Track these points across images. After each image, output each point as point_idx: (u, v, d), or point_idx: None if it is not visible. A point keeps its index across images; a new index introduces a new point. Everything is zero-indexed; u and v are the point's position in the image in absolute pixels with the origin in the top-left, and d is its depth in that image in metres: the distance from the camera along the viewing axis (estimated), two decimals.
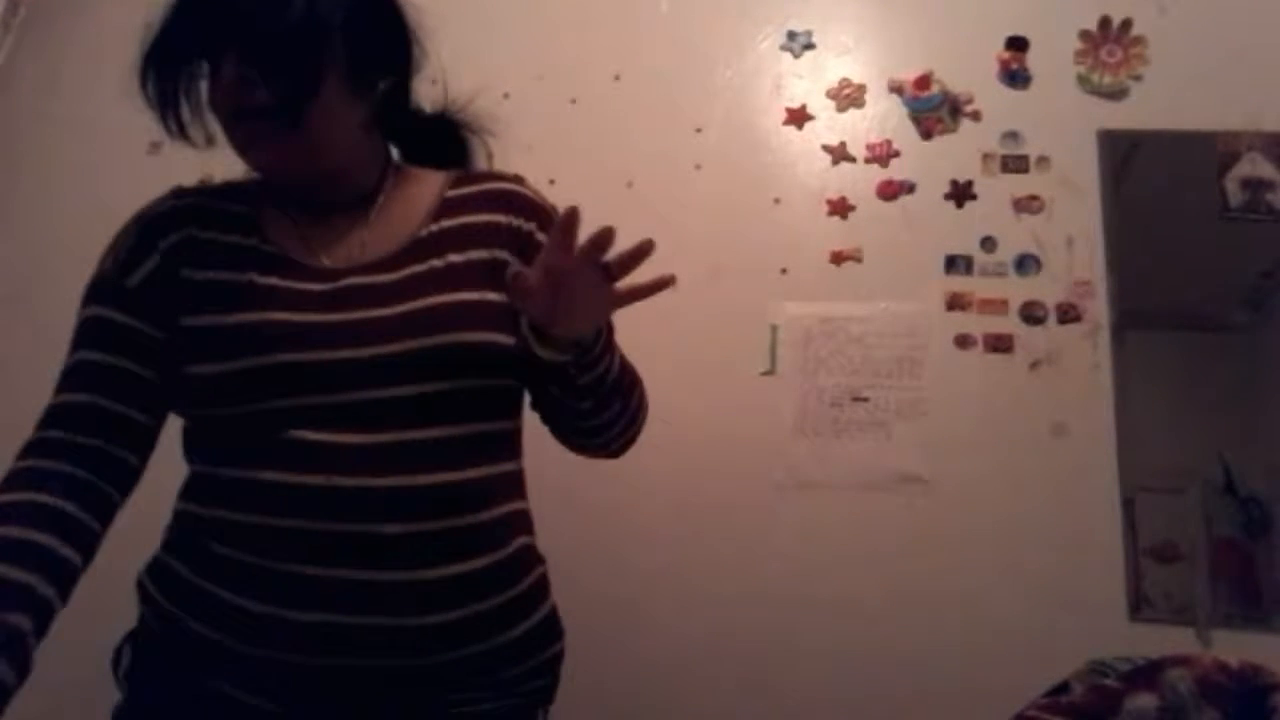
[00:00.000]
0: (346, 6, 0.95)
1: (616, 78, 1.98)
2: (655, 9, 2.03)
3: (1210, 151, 1.75)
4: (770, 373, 1.76)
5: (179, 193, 1.08)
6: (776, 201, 1.86)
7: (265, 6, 0.90)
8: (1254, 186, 1.72)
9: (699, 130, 1.93)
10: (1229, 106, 1.77)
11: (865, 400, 1.71)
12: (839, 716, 1.58)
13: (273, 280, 0.95)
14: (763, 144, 1.92)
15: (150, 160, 2.16)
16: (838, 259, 1.81)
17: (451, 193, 1.04)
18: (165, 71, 0.95)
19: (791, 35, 1.99)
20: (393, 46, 1.02)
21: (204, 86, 0.97)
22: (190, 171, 2.13)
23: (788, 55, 1.98)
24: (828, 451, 1.70)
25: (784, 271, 1.81)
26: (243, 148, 0.98)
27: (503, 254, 0.99)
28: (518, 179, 1.08)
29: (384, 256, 0.97)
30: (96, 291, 1.02)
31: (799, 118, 1.92)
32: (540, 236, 1.00)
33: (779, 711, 1.59)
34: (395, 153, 1.10)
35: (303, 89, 0.91)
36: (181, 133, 1.00)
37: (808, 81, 1.95)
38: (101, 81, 2.25)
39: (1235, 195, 1.73)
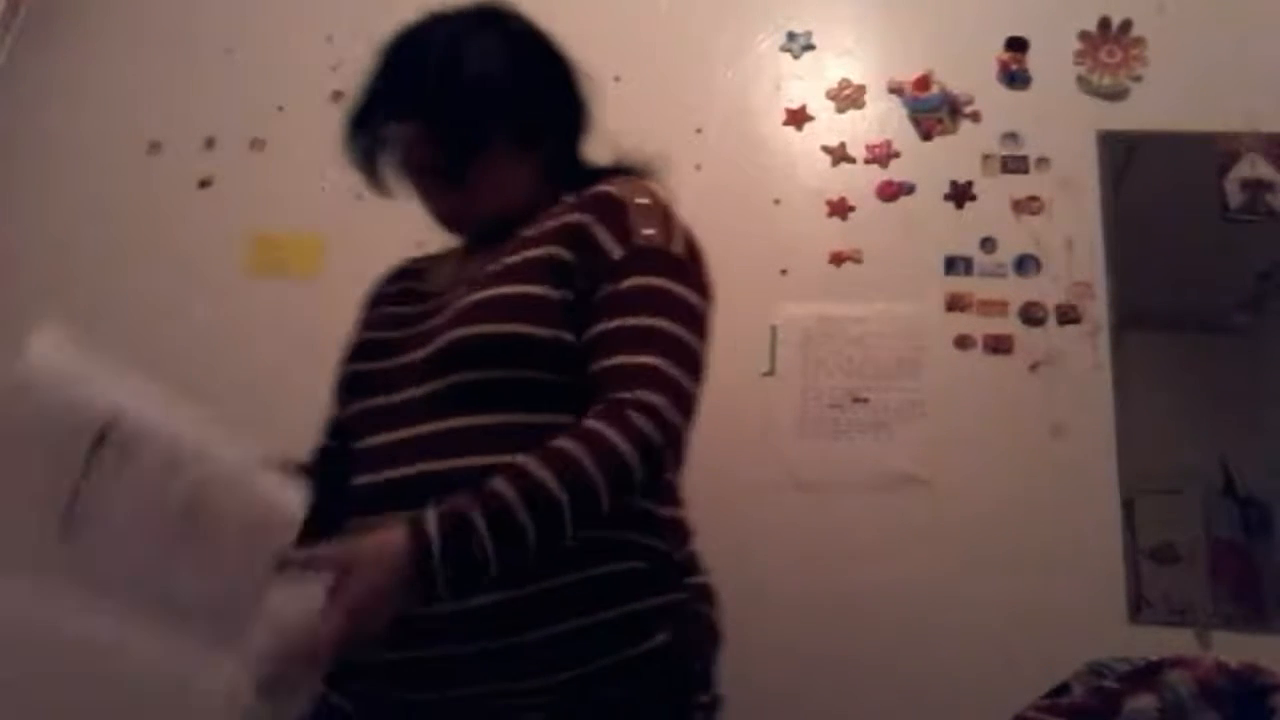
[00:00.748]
0: (515, 71, 1.06)
1: (616, 78, 1.97)
2: (655, 9, 2.03)
3: (1210, 152, 1.75)
4: (770, 373, 1.76)
5: (408, 260, 1.25)
6: (776, 202, 1.86)
7: (437, 71, 1.03)
8: (1253, 188, 1.72)
9: (699, 131, 1.93)
10: (1229, 107, 1.77)
11: (865, 401, 1.71)
12: (837, 716, 1.58)
13: (399, 309, 1.10)
14: (763, 145, 1.92)
15: (150, 160, 2.16)
16: (838, 260, 1.81)
17: (560, 205, 1.05)
18: (358, 132, 1.10)
19: (791, 36, 1.99)
20: (559, 108, 1.12)
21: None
22: (190, 174, 2.15)
23: (787, 56, 1.98)
24: (828, 452, 1.70)
25: (784, 272, 1.81)
26: (421, 200, 1.11)
27: (557, 249, 0.98)
28: (623, 182, 1.06)
29: (478, 270, 1.03)
30: None
31: (799, 118, 1.92)
32: (595, 228, 0.99)
33: (777, 711, 1.59)
34: None
35: (466, 149, 1.03)
36: (380, 187, 1.14)
37: (807, 82, 1.95)
38: (101, 82, 2.26)
39: (1235, 196, 1.73)
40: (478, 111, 1.03)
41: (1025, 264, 1.75)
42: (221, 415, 2.10)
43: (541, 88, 1.09)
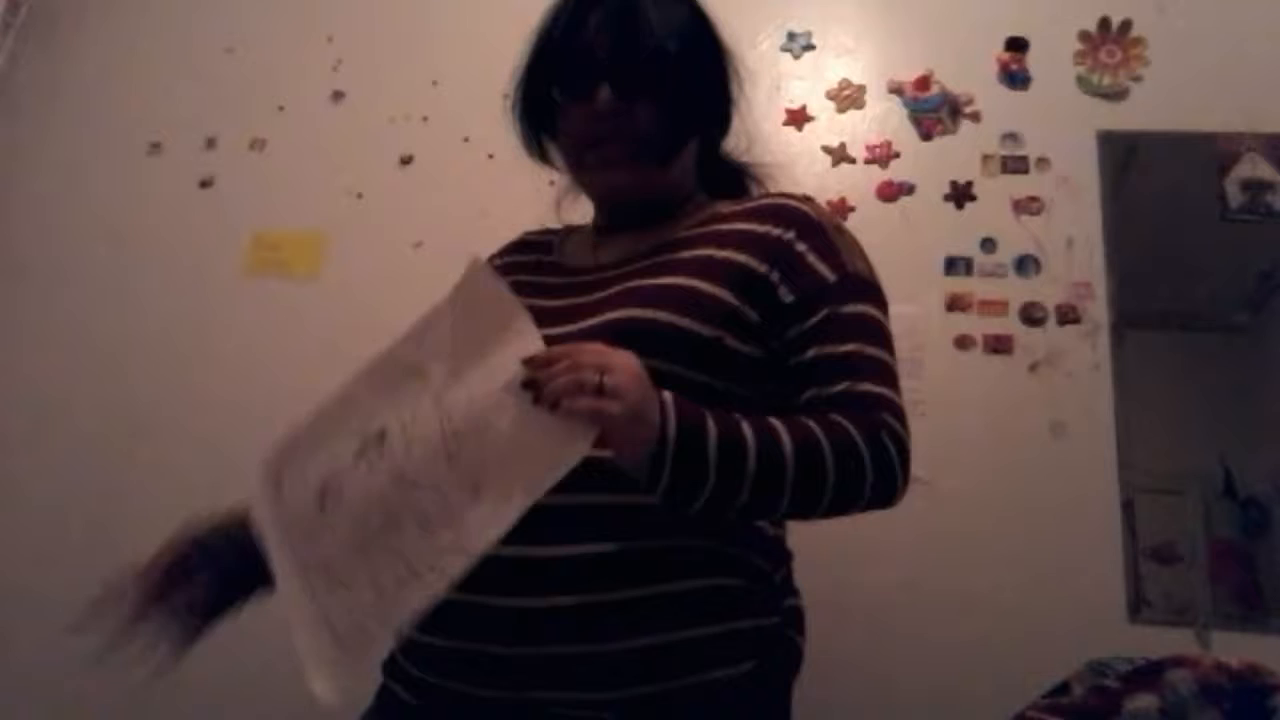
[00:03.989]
0: (714, 54, 1.07)
1: None
2: None
3: (1210, 152, 1.75)
4: None
5: (523, 234, 1.21)
6: None
7: (678, 48, 1.00)
8: (1254, 188, 1.72)
9: None
10: (1229, 107, 1.77)
11: None
12: (836, 716, 1.58)
13: (534, 278, 1.05)
14: (762, 145, 1.91)
15: (150, 160, 2.16)
16: None
17: (726, 208, 1.04)
18: (536, 96, 1.05)
19: (791, 36, 1.99)
20: (727, 92, 1.10)
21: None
22: (190, 173, 2.15)
23: (787, 56, 1.98)
24: None
25: None
26: (596, 169, 1.04)
27: (742, 257, 0.95)
28: (804, 199, 1.05)
29: (634, 254, 1.01)
30: None
31: (799, 119, 1.92)
32: (800, 246, 0.97)
33: None
34: None
35: (689, 130, 1.02)
36: (542, 155, 1.10)
37: (808, 82, 1.95)
38: (102, 82, 2.26)
39: (1235, 196, 1.73)
40: (707, 94, 1.04)
41: (1025, 264, 1.75)
42: (221, 415, 2.11)
43: (718, 64, 1.09)
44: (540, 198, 1.21)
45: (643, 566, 0.86)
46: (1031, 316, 1.72)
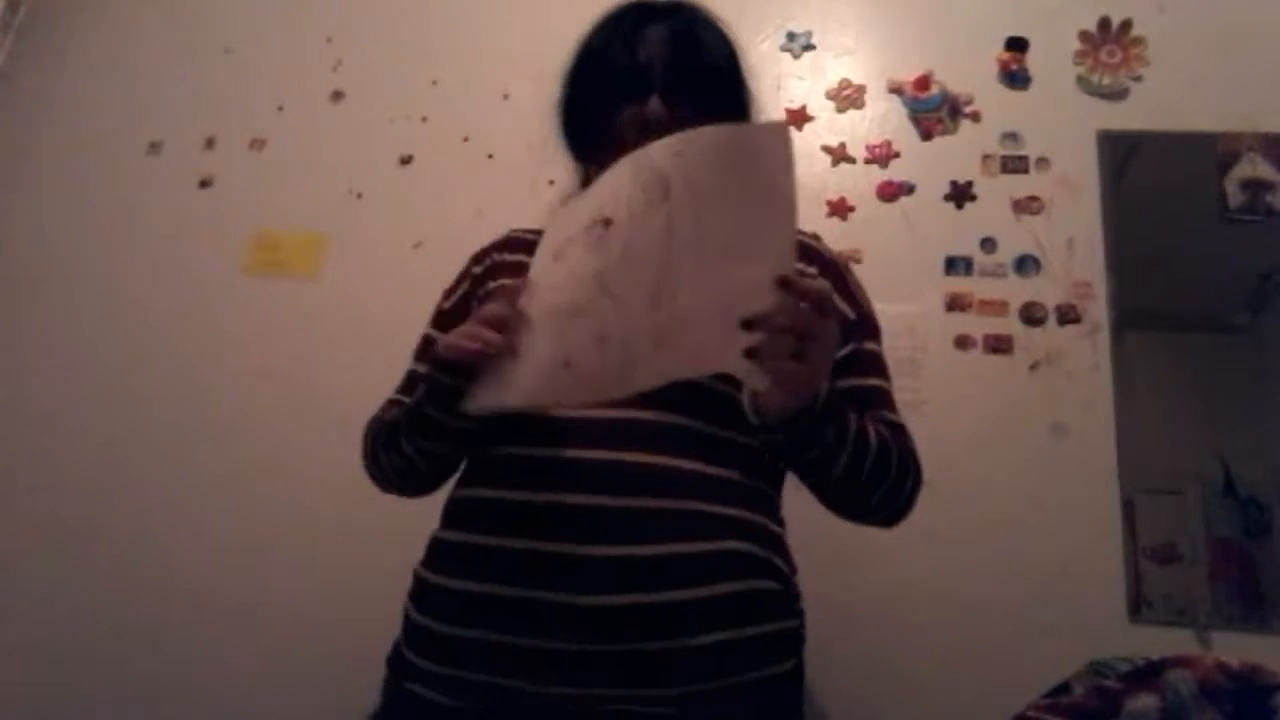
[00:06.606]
0: (740, 74, 1.17)
1: None
2: None
3: (1210, 152, 1.75)
4: None
5: (510, 232, 1.21)
6: None
7: (729, 62, 1.14)
8: (1254, 187, 1.72)
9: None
10: (1229, 106, 1.77)
11: None
12: (836, 715, 1.58)
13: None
14: None
15: (150, 160, 2.16)
16: None
17: None
18: (586, 102, 1.13)
19: (791, 36, 1.99)
20: (748, 101, 1.18)
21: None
22: (190, 174, 2.15)
23: (787, 56, 1.98)
24: None
25: None
26: None
27: None
28: (813, 236, 1.15)
29: None
30: (433, 316, 1.18)
31: (799, 118, 1.92)
32: (809, 273, 1.05)
33: None
34: None
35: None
36: (600, 164, 1.09)
37: (807, 82, 1.95)
38: (102, 81, 2.26)
39: (1235, 196, 1.73)
40: (740, 112, 1.13)
41: (1025, 264, 1.75)
42: (222, 415, 2.10)
43: (744, 79, 1.19)
44: (539, 197, 1.22)
45: (695, 569, 0.90)
46: (1031, 316, 1.72)
